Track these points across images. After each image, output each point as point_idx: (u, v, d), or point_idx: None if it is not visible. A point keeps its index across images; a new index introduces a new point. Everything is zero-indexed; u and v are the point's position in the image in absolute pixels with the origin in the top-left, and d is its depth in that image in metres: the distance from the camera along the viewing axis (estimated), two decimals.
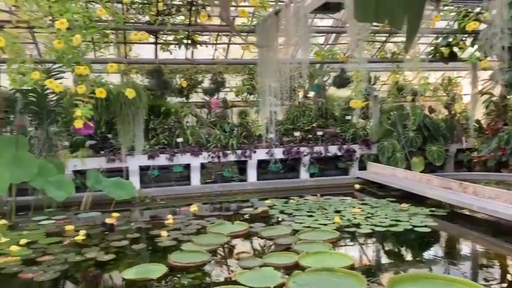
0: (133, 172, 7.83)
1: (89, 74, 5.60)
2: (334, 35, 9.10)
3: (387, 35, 8.09)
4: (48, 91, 6.83)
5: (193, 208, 6.60)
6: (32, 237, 5.16)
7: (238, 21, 6.52)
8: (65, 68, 6.17)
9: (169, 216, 5.94)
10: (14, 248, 4.67)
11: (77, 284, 4.03)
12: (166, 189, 7.93)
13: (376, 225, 5.34)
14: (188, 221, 5.85)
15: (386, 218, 5.71)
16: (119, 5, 6.05)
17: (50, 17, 5.71)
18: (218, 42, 7.59)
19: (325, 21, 9.37)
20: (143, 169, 7.98)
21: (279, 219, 5.91)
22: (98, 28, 5.38)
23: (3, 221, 5.90)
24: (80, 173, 7.44)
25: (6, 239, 5.05)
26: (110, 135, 8.13)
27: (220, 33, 7.32)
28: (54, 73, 6.68)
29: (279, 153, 8.55)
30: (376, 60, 8.54)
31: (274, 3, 6.41)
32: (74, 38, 4.97)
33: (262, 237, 5.02)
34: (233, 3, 5.86)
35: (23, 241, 4.94)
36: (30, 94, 6.83)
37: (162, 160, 8.02)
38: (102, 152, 7.81)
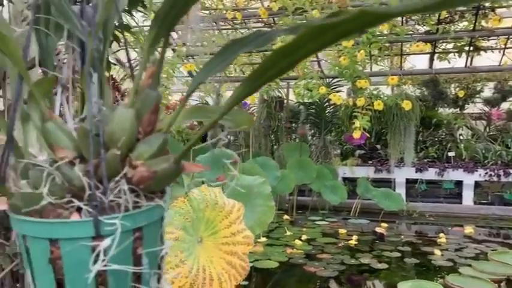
0: (400, 184, 7.73)
1: (368, 86, 5.87)
2: None
3: None
4: (326, 104, 7.53)
5: (468, 230, 6.01)
6: (311, 235, 5.77)
7: None
8: (344, 82, 6.67)
9: (442, 234, 5.60)
10: (297, 242, 5.33)
11: (352, 285, 4.26)
12: (434, 205, 7.50)
13: None
14: (463, 243, 5.38)
15: None
16: (399, 17, 6.11)
17: None
18: (507, 46, 6.69)
19: None
20: (409, 182, 7.78)
21: None
22: (380, 42, 5.57)
23: (286, 216, 6.82)
24: (348, 180, 7.86)
25: (290, 233, 5.80)
26: (378, 146, 8.31)
27: (510, 36, 6.45)
28: (333, 87, 7.31)
29: None
30: None
31: None
32: (358, 54, 5.32)
33: None
34: None
35: (304, 237, 5.57)
36: (311, 106, 7.70)
37: (430, 174, 7.63)
38: (370, 162, 8.04)
